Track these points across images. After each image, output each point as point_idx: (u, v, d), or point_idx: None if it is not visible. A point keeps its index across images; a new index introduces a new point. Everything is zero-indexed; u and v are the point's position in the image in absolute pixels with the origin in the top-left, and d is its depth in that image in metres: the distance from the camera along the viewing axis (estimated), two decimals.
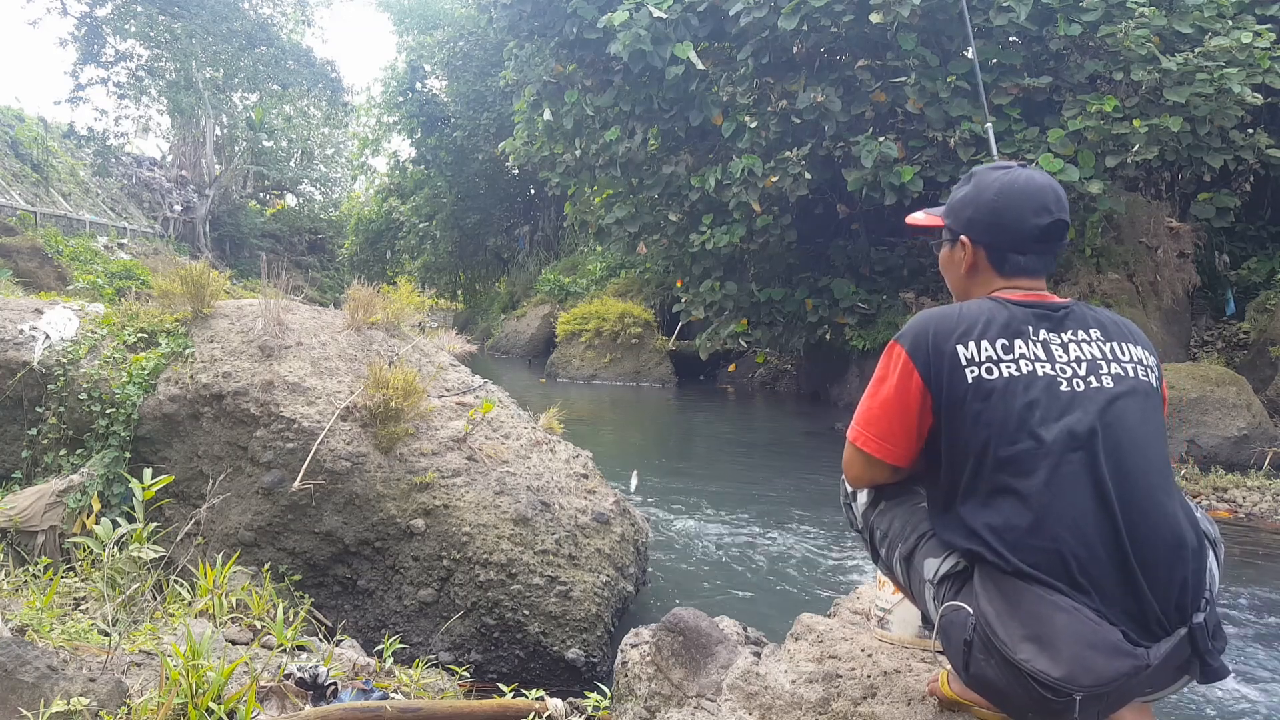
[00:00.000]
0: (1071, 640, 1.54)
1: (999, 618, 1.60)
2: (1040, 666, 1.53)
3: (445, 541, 3.97)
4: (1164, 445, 1.74)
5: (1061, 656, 1.53)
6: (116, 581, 3.19)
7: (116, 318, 4.78)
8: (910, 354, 1.75)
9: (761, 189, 11.30)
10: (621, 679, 2.38)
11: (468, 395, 4.90)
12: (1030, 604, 1.59)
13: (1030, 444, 1.65)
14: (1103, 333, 1.78)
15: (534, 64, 14.72)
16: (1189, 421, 8.26)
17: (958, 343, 1.72)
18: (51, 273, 13.23)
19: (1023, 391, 1.68)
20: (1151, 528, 1.63)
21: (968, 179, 1.95)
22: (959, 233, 1.91)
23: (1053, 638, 1.55)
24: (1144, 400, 1.73)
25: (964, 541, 1.69)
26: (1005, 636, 1.58)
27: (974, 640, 1.63)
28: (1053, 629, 1.55)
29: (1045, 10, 9.90)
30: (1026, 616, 1.58)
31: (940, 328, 1.76)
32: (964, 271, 1.92)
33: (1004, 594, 1.62)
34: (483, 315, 26.70)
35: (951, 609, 1.68)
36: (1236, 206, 10.56)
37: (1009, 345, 1.72)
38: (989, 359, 1.70)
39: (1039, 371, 1.70)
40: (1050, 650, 1.54)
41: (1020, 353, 1.72)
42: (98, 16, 19.96)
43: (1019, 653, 1.56)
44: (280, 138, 29.80)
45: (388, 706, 2.46)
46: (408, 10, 25.70)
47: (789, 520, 6.46)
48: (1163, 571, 1.61)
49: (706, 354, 14.49)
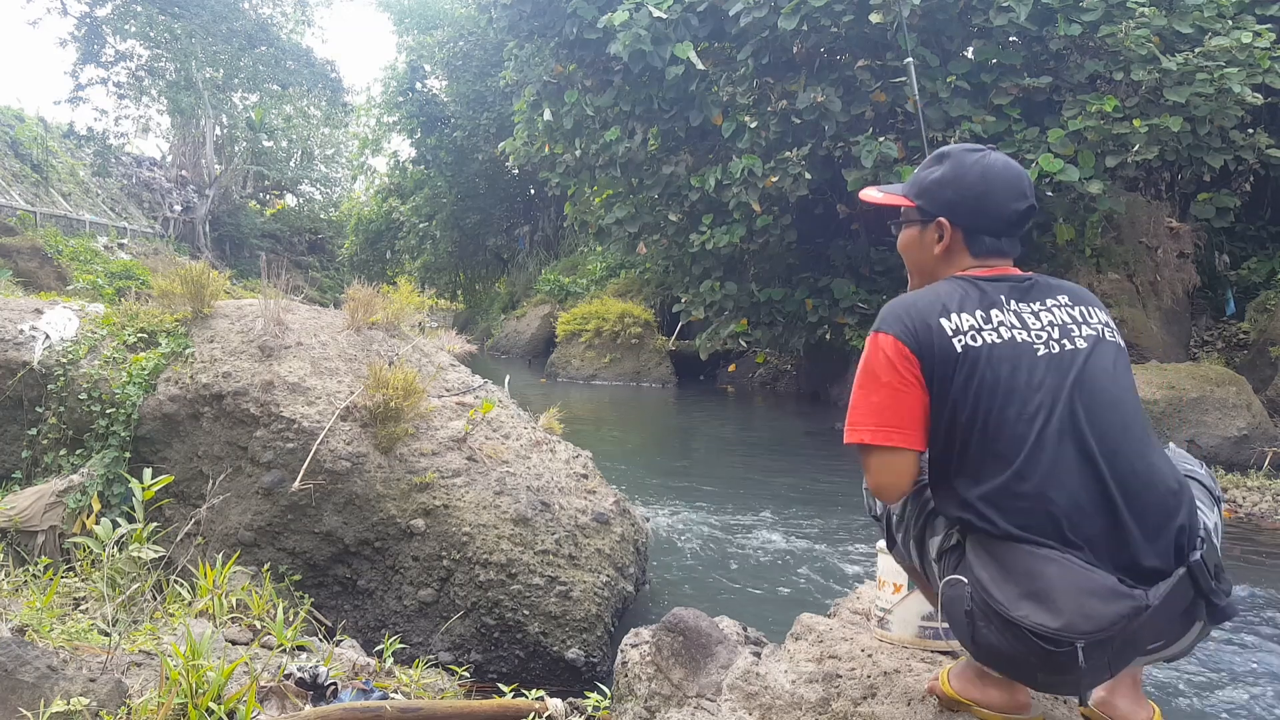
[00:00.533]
0: (1066, 590, 1.55)
1: (994, 581, 1.61)
2: (1039, 620, 1.54)
3: (445, 541, 3.97)
4: (1138, 400, 1.78)
5: (1058, 607, 1.54)
6: (116, 581, 3.20)
7: (116, 318, 4.78)
8: (898, 336, 1.73)
9: (761, 189, 11.30)
10: (621, 679, 2.38)
11: (468, 395, 4.90)
12: (1022, 562, 1.60)
13: (1016, 407, 1.67)
14: (1070, 298, 1.82)
15: (534, 64, 14.72)
16: (1189, 421, 8.26)
17: (940, 316, 1.74)
18: (51, 273, 13.23)
19: (1008, 357, 1.70)
20: (1138, 479, 1.65)
21: (939, 159, 1.92)
22: (935, 214, 1.88)
23: (1048, 590, 1.56)
24: (1116, 358, 1.76)
25: (956, 511, 1.70)
26: (1002, 598, 1.59)
27: (973, 609, 1.64)
28: (1047, 582, 1.56)
29: (1045, 10, 9.89)
30: (1020, 575, 1.59)
31: (918, 306, 1.77)
32: (938, 253, 1.90)
33: (996, 557, 1.63)
34: (483, 315, 26.71)
35: (949, 584, 1.70)
36: (1236, 206, 10.55)
37: (986, 315, 1.75)
38: (972, 327, 1.73)
39: (1017, 338, 1.73)
40: (1046, 603, 1.55)
41: (999, 320, 1.74)
42: (98, 16, 19.96)
43: (1017, 610, 1.57)
44: (280, 138, 29.81)
45: (388, 706, 2.46)
46: (408, 10, 25.71)
47: (789, 520, 6.46)
48: (1153, 518, 1.63)
49: (706, 354, 14.49)
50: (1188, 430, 8.23)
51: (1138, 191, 11.97)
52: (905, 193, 1.94)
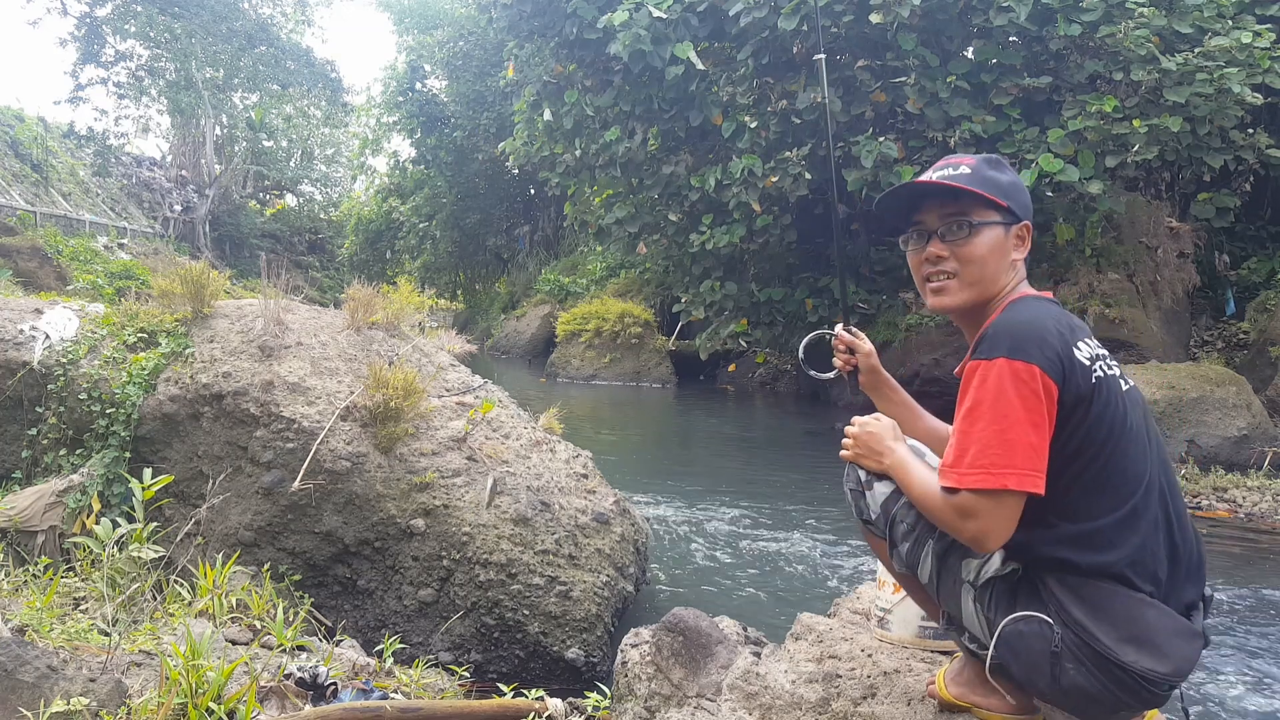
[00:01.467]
0: (1168, 635, 1.58)
1: (1094, 622, 1.58)
2: (1149, 665, 1.55)
3: (445, 541, 3.97)
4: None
5: (1163, 652, 1.56)
6: (116, 581, 3.20)
7: (116, 318, 4.78)
8: (1042, 367, 1.56)
9: (761, 189, 11.30)
10: (621, 679, 2.38)
11: (468, 395, 4.90)
12: (1120, 605, 1.59)
13: (1139, 445, 1.64)
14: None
15: (534, 64, 14.71)
16: (1189, 421, 8.26)
17: (1073, 345, 1.62)
18: (51, 273, 13.24)
19: (1119, 391, 1.66)
20: (1182, 515, 1.69)
21: (999, 165, 1.81)
22: (1021, 218, 1.78)
23: (1151, 635, 1.57)
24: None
25: (1047, 549, 1.63)
26: (1108, 640, 1.56)
27: (1063, 650, 1.59)
28: (1148, 627, 1.58)
29: (1045, 10, 9.89)
30: (1119, 618, 1.58)
31: (1052, 331, 1.61)
32: (1017, 260, 1.79)
33: (1089, 598, 1.60)
34: (483, 315, 26.72)
35: (1023, 620, 1.62)
36: (1236, 206, 10.56)
37: (1093, 344, 1.69)
38: (1097, 357, 1.65)
39: (1115, 371, 1.69)
40: (1151, 648, 1.56)
41: (1099, 350, 1.69)
42: (98, 16, 19.96)
43: (1124, 655, 1.56)
44: (280, 138, 29.83)
45: (388, 706, 2.46)
46: (408, 10, 25.71)
47: (789, 520, 6.46)
48: (1195, 554, 1.69)
49: (706, 354, 14.49)
50: (1188, 430, 8.23)
51: (1138, 191, 11.97)
52: (993, 192, 1.76)
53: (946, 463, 1.62)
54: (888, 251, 12.59)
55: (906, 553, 1.81)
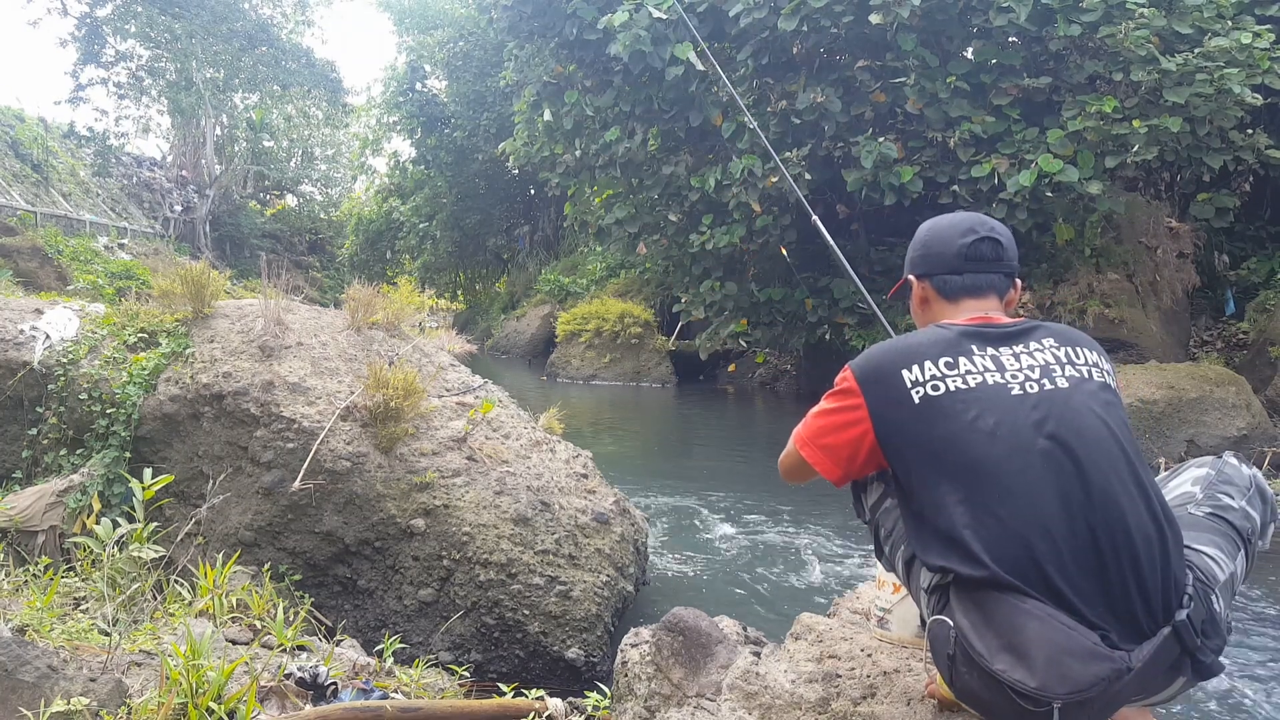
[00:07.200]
0: (1045, 647, 1.52)
1: (974, 629, 1.60)
2: (1017, 676, 1.52)
3: (445, 541, 3.97)
4: (1128, 440, 1.71)
5: (1036, 665, 1.51)
6: (116, 581, 3.20)
7: (117, 318, 4.79)
8: (860, 383, 1.81)
9: (761, 189, 11.31)
10: (621, 679, 2.38)
11: (468, 395, 4.90)
12: (1004, 614, 1.57)
13: (983, 450, 1.65)
14: (1056, 340, 1.79)
15: (534, 64, 14.72)
16: (1189, 421, 8.26)
17: (903, 368, 1.77)
18: (51, 273, 13.24)
19: (972, 402, 1.69)
20: (1118, 523, 1.59)
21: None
22: (906, 275, 2.05)
23: (1026, 646, 1.53)
24: (1101, 397, 1.72)
25: (936, 559, 1.68)
26: (982, 648, 1.57)
27: (955, 653, 1.63)
28: (1026, 638, 1.53)
29: (1045, 10, 9.90)
30: (1001, 627, 1.57)
31: (888, 357, 1.82)
32: (918, 308, 2.03)
33: (978, 605, 1.61)
34: (483, 315, 26.72)
35: (936, 623, 1.69)
36: (1236, 206, 10.56)
37: (953, 362, 1.75)
38: (933, 377, 1.74)
39: (988, 380, 1.71)
40: (1025, 660, 1.52)
41: (966, 368, 1.74)
42: (98, 17, 19.97)
43: (996, 663, 1.55)
44: (280, 138, 29.82)
45: (388, 706, 2.47)
46: (408, 10, 25.71)
47: (789, 520, 6.47)
48: (1143, 567, 1.58)
49: (706, 354, 14.49)
50: (1187, 430, 8.23)
51: (1137, 192, 11.98)
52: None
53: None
54: (887, 251, 12.60)
55: (889, 556, 1.94)
